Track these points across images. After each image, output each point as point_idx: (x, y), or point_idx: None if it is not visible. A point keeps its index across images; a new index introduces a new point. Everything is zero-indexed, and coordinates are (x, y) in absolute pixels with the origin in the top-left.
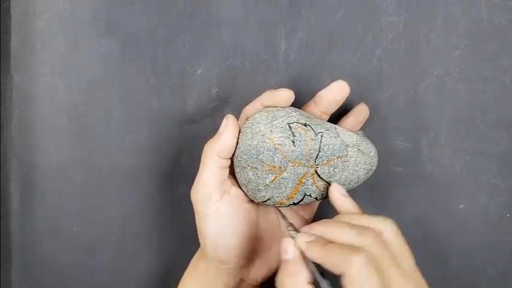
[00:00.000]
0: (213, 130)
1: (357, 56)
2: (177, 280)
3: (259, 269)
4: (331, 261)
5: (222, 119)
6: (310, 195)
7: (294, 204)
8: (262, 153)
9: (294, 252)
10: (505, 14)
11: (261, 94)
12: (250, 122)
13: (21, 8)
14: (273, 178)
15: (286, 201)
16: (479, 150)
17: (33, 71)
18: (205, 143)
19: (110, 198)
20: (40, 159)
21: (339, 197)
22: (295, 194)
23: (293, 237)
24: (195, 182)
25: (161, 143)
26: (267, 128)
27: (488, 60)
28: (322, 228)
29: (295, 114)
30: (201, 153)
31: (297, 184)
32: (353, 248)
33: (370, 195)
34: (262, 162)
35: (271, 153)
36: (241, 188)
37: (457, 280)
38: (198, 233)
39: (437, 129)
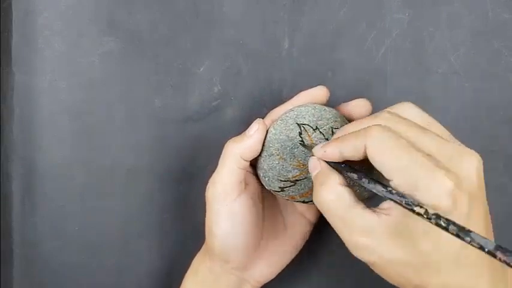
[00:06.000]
0: (215, 128)
1: (361, 54)
2: (179, 280)
3: (262, 271)
4: (349, 146)
5: (225, 118)
6: None
7: (303, 202)
8: (298, 147)
9: (319, 164)
10: (511, 11)
11: (264, 92)
12: (296, 113)
13: (22, 6)
14: (297, 174)
15: (298, 197)
16: (485, 149)
17: (34, 70)
18: (207, 141)
19: (112, 197)
20: (41, 158)
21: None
22: (309, 194)
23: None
24: (213, 178)
25: (163, 142)
26: (311, 126)
27: (494, 57)
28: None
29: (340, 121)
30: (204, 151)
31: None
32: (367, 125)
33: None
34: (294, 156)
35: (305, 151)
36: (257, 178)
37: None
38: (207, 230)
39: None
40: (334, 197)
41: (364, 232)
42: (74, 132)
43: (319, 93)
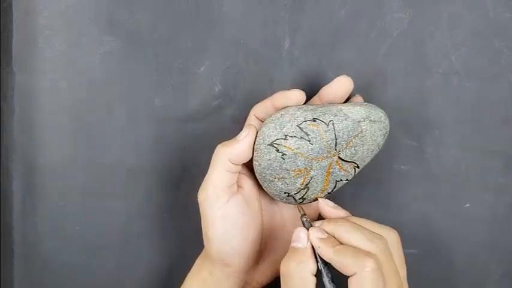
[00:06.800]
0: (215, 128)
1: (361, 53)
2: (180, 280)
3: (263, 272)
4: (343, 262)
5: (225, 118)
6: (341, 180)
7: (329, 193)
8: (285, 162)
9: (306, 241)
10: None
11: (264, 91)
12: (262, 137)
13: (23, 6)
14: (302, 180)
15: (321, 194)
16: (485, 149)
17: (35, 69)
18: (208, 140)
19: (112, 197)
20: (42, 157)
21: (329, 210)
22: (327, 185)
23: (306, 228)
24: (204, 183)
25: (163, 142)
26: (280, 138)
27: (495, 57)
28: (335, 227)
29: (299, 113)
30: (204, 151)
31: (326, 176)
32: (365, 252)
33: (375, 194)
34: (287, 170)
35: (292, 159)
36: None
37: (462, 280)
38: (204, 235)
39: (442, 127)
40: (301, 281)
41: None
42: (74, 132)
43: (293, 96)
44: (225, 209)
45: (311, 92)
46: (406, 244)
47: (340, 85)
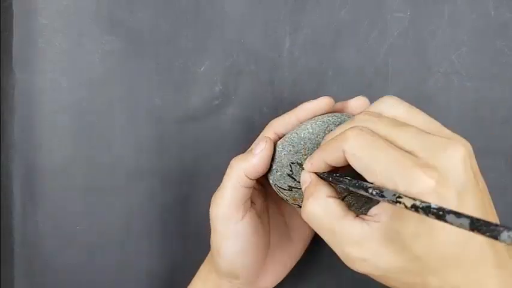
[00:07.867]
0: (216, 128)
1: (362, 53)
2: (179, 280)
3: (267, 281)
4: (331, 154)
5: (226, 117)
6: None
7: (299, 206)
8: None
9: (310, 177)
10: None
11: (264, 91)
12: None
13: (23, 5)
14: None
15: (300, 202)
16: (486, 149)
17: (35, 69)
18: (208, 140)
19: (113, 197)
20: (42, 157)
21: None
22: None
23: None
24: (217, 197)
25: (164, 141)
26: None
27: (496, 57)
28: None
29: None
30: (204, 151)
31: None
32: (344, 130)
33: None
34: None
35: None
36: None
37: None
38: (214, 251)
39: None
40: (321, 209)
41: (355, 243)
42: (74, 132)
43: (322, 105)
44: (239, 227)
45: (311, 92)
46: None
47: (359, 104)
